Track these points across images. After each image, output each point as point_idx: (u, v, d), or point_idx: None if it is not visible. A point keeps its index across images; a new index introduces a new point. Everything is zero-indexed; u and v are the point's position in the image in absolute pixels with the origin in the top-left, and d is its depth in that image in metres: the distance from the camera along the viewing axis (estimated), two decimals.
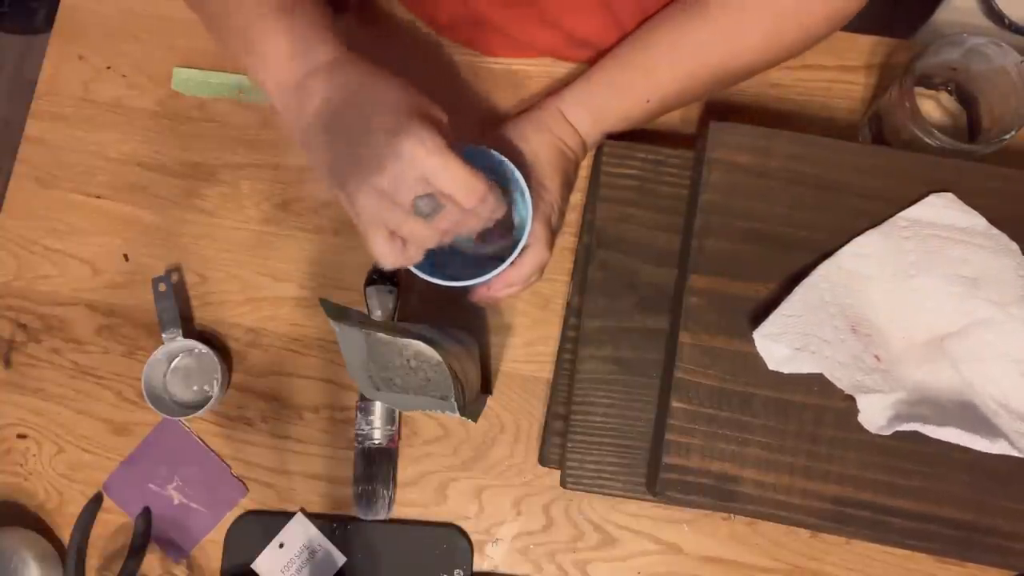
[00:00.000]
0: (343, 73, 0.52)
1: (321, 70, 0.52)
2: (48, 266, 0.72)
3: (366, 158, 0.48)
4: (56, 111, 0.75)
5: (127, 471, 0.69)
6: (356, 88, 0.51)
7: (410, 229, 0.50)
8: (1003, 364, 0.55)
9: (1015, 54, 0.59)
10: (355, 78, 0.52)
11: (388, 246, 0.51)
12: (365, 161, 0.49)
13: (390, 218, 0.50)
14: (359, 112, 0.50)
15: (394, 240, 0.51)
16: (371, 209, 0.49)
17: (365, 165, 0.48)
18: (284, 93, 0.53)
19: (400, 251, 0.51)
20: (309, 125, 0.52)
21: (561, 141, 0.64)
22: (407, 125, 0.48)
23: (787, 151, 0.59)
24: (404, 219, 0.49)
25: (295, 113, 0.53)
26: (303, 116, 0.52)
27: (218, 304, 0.71)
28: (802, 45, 0.61)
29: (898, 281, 0.57)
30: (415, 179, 0.48)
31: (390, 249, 0.51)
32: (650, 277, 0.62)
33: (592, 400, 0.61)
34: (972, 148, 0.60)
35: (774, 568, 0.65)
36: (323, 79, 0.52)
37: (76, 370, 0.71)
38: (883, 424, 0.54)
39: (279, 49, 0.53)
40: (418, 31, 0.73)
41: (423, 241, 0.51)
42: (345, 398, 0.69)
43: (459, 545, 0.66)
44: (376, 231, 0.50)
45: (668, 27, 0.62)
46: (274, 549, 0.66)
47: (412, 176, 0.48)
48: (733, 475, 0.55)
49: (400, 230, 0.50)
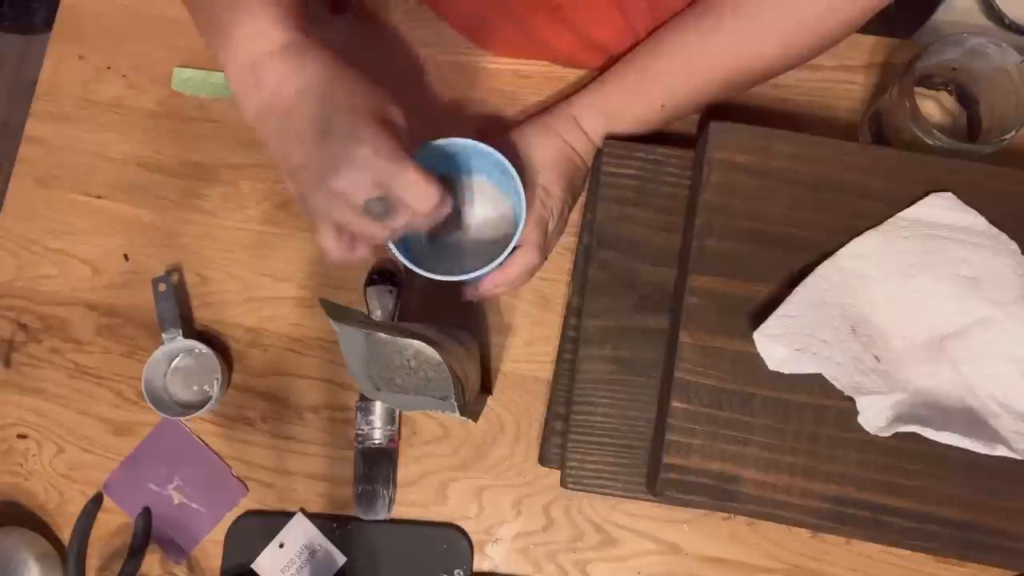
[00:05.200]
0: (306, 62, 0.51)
1: (281, 55, 0.51)
2: (48, 266, 0.72)
3: (322, 157, 0.49)
4: (56, 111, 0.75)
5: (127, 471, 0.69)
6: (316, 81, 0.50)
7: (360, 228, 0.51)
8: (1003, 364, 0.55)
9: (1015, 54, 0.59)
10: (316, 70, 0.50)
11: (335, 241, 0.52)
12: (320, 161, 0.49)
13: (340, 216, 0.50)
14: (316, 109, 0.49)
15: (342, 236, 0.52)
16: (322, 206, 0.50)
17: (321, 164, 0.49)
18: (239, 73, 0.52)
19: (347, 246, 0.53)
20: (262, 109, 0.51)
21: (570, 147, 0.64)
22: (365, 128, 0.48)
23: (787, 151, 0.59)
24: (354, 218, 0.50)
25: (248, 95, 0.52)
26: (256, 100, 0.51)
27: (218, 304, 0.71)
28: (818, 50, 0.61)
29: (898, 281, 0.57)
30: (369, 183, 0.48)
31: (336, 244, 0.52)
32: (650, 277, 0.62)
33: (592, 400, 0.61)
34: (972, 148, 0.60)
35: (774, 568, 0.65)
36: (282, 65, 0.51)
37: (76, 370, 0.71)
38: (882, 425, 0.54)
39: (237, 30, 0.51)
40: (419, 31, 0.73)
41: (372, 239, 0.52)
42: (345, 398, 0.69)
43: (459, 545, 0.66)
44: (326, 227, 0.52)
45: (683, 33, 0.62)
46: (274, 549, 0.66)
47: (367, 180, 0.48)
48: (733, 475, 0.55)
49: (350, 228, 0.51)
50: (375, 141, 0.48)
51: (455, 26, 0.72)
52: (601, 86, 0.65)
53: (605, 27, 0.65)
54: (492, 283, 0.62)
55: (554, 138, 0.63)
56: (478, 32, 0.72)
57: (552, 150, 0.63)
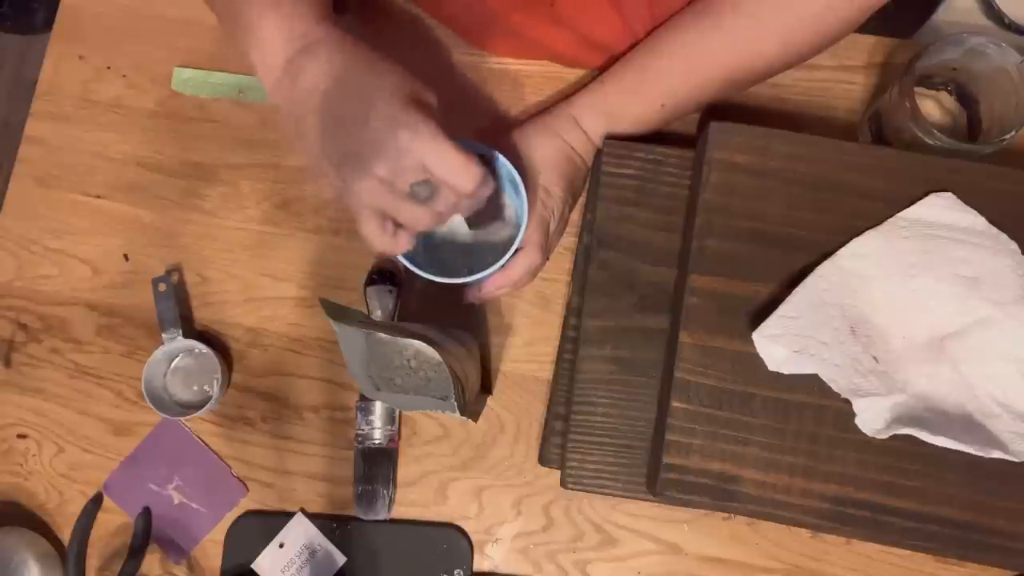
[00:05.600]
0: (334, 53, 0.51)
1: (310, 50, 0.52)
2: (48, 266, 0.72)
3: (363, 145, 0.49)
4: (56, 111, 0.75)
5: (127, 471, 0.69)
6: (347, 71, 0.51)
7: (408, 213, 0.51)
8: (1003, 364, 0.55)
9: (1015, 54, 0.59)
10: (346, 60, 0.51)
11: (379, 231, 0.52)
12: (362, 148, 0.49)
13: (388, 203, 0.50)
14: (352, 97, 0.50)
15: (385, 225, 0.52)
16: (367, 195, 0.50)
17: (363, 152, 0.49)
18: (273, 72, 0.53)
19: (391, 237, 0.53)
20: (299, 105, 0.52)
21: (570, 147, 0.64)
22: (403, 112, 0.48)
23: (787, 151, 0.59)
24: (401, 204, 0.50)
25: (285, 93, 0.52)
26: (293, 97, 0.52)
27: (218, 304, 0.71)
28: (818, 48, 0.61)
29: (898, 281, 0.57)
30: (413, 167, 0.48)
31: (381, 234, 0.52)
32: (650, 277, 0.62)
33: (592, 400, 0.61)
34: (972, 148, 0.60)
35: (774, 568, 0.65)
36: (313, 59, 0.51)
37: (76, 370, 0.71)
38: (880, 427, 0.54)
39: (269, 30, 0.52)
40: (419, 31, 0.73)
41: (418, 224, 0.52)
42: (345, 398, 0.69)
43: (459, 545, 0.66)
44: (370, 216, 0.51)
45: (683, 32, 0.62)
46: (274, 549, 0.66)
47: (410, 164, 0.48)
48: (733, 475, 0.55)
49: (398, 215, 0.51)
50: (415, 124, 0.48)
51: (453, 28, 0.72)
52: (601, 86, 0.65)
53: (604, 26, 0.65)
54: (494, 285, 0.62)
55: (554, 138, 0.64)
56: (477, 34, 0.71)
57: (552, 150, 0.63)
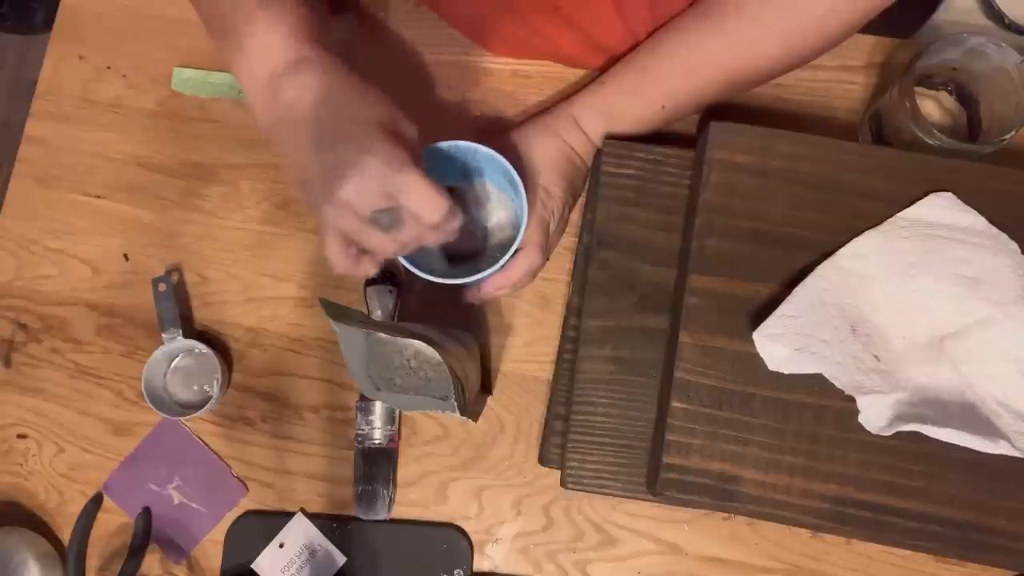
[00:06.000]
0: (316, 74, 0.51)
1: (293, 68, 0.52)
2: (48, 266, 0.72)
3: (332, 167, 0.49)
4: (56, 111, 0.75)
5: (127, 471, 0.69)
6: (327, 92, 0.51)
7: (371, 240, 0.51)
8: (1003, 364, 0.55)
9: (1015, 54, 0.59)
10: (327, 81, 0.51)
11: (341, 253, 0.52)
12: (330, 170, 0.49)
13: (351, 227, 0.50)
14: (328, 119, 0.50)
15: (349, 247, 0.52)
16: (332, 216, 0.50)
17: (330, 174, 0.49)
18: (255, 84, 0.53)
19: (353, 259, 0.53)
20: (278, 120, 0.52)
21: (570, 148, 0.64)
22: (373, 139, 0.48)
23: (787, 151, 0.59)
24: (362, 229, 0.50)
25: (265, 107, 0.53)
26: (272, 111, 0.52)
27: (218, 304, 0.71)
28: (820, 51, 0.61)
29: (898, 281, 0.57)
30: (378, 193, 0.48)
31: (342, 256, 0.52)
32: (650, 277, 0.62)
33: (592, 400, 0.61)
34: (972, 148, 0.60)
35: (774, 568, 0.65)
36: (295, 77, 0.51)
37: (76, 370, 0.71)
38: (883, 424, 0.54)
39: (254, 41, 0.52)
40: (419, 31, 0.73)
41: (382, 251, 0.52)
42: (345, 398, 0.69)
43: (459, 545, 0.66)
44: (333, 237, 0.51)
45: (684, 34, 0.62)
46: (274, 549, 0.66)
47: (375, 190, 0.48)
48: (733, 475, 0.55)
49: (360, 240, 0.51)
50: (384, 152, 0.48)
51: (456, 26, 0.72)
52: (601, 87, 0.65)
53: (606, 27, 0.65)
54: (494, 285, 0.62)
55: (554, 139, 0.63)
56: (479, 32, 0.71)
57: (552, 151, 0.63)
